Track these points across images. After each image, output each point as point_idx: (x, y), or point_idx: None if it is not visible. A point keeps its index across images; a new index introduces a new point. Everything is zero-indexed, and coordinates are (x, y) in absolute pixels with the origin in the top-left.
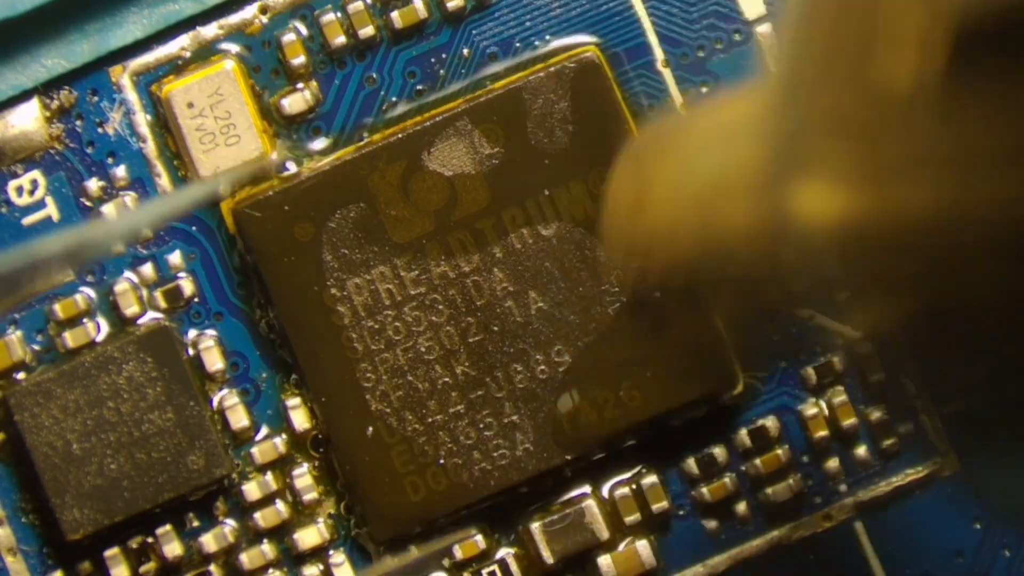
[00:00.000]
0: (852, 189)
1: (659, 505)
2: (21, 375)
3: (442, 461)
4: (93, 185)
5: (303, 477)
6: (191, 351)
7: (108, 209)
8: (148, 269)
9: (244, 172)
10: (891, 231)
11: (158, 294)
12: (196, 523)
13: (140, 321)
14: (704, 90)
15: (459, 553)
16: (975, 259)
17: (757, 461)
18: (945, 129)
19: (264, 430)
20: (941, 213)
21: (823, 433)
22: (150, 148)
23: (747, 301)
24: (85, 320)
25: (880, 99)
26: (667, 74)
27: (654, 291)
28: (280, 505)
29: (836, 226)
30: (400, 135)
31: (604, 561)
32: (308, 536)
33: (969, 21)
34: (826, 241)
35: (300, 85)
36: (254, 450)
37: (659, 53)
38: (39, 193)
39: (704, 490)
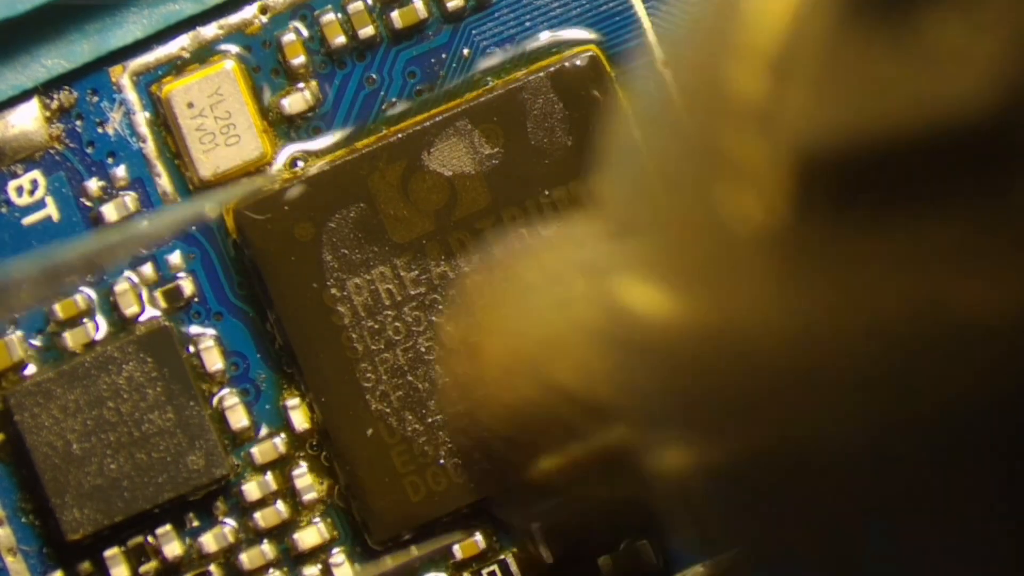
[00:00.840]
0: (682, 292)
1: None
2: (23, 374)
3: (442, 461)
4: (93, 185)
5: (303, 477)
6: (191, 351)
7: (108, 210)
8: (148, 269)
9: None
10: (723, 339)
11: (158, 294)
12: (196, 523)
13: (140, 321)
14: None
15: (459, 553)
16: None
17: None
18: (785, 274)
19: (264, 430)
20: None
21: None
22: (150, 148)
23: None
24: (85, 320)
25: (724, 238)
26: (667, 74)
27: (485, 435)
28: (280, 505)
29: (664, 322)
30: (400, 135)
31: (604, 561)
32: (308, 536)
33: (811, 162)
34: (655, 338)
35: (300, 85)
36: (254, 450)
37: (659, 53)
38: (39, 193)
39: None
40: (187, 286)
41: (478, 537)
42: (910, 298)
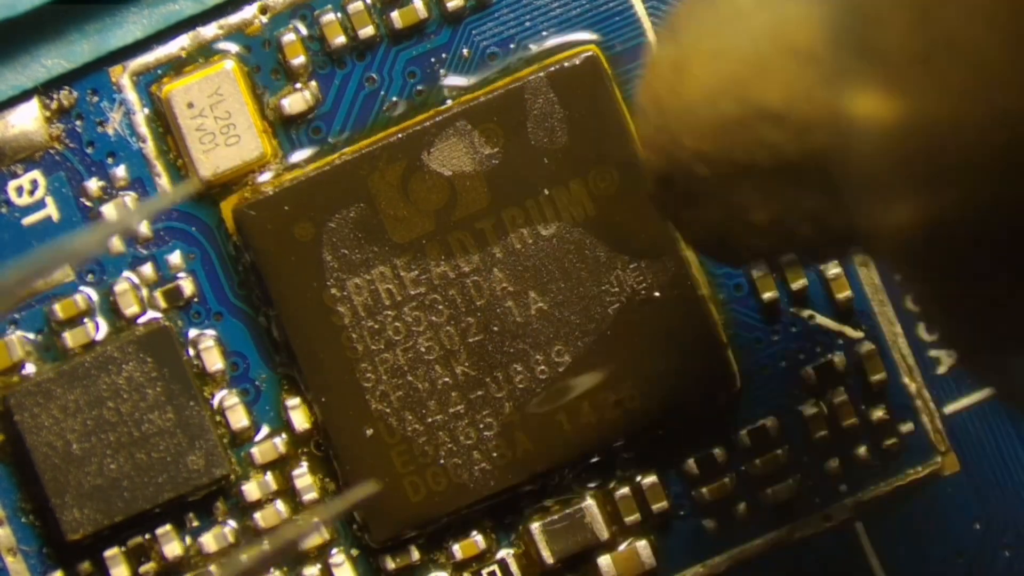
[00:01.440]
0: (917, 98)
1: (659, 505)
2: (23, 374)
3: (442, 461)
4: (93, 185)
5: (303, 477)
6: (191, 351)
7: (108, 209)
8: (148, 269)
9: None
10: (956, 137)
11: (158, 294)
12: (196, 523)
13: (140, 321)
14: None
15: (459, 553)
16: None
17: (757, 461)
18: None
19: (264, 430)
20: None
21: (823, 433)
22: (150, 148)
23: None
24: (85, 320)
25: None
26: None
27: (685, 171)
28: (280, 505)
29: (894, 134)
30: (400, 135)
31: (604, 561)
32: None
33: None
34: (879, 146)
35: (300, 85)
36: (254, 450)
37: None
38: (39, 193)
39: (704, 490)
40: (187, 286)
41: (478, 537)
42: None
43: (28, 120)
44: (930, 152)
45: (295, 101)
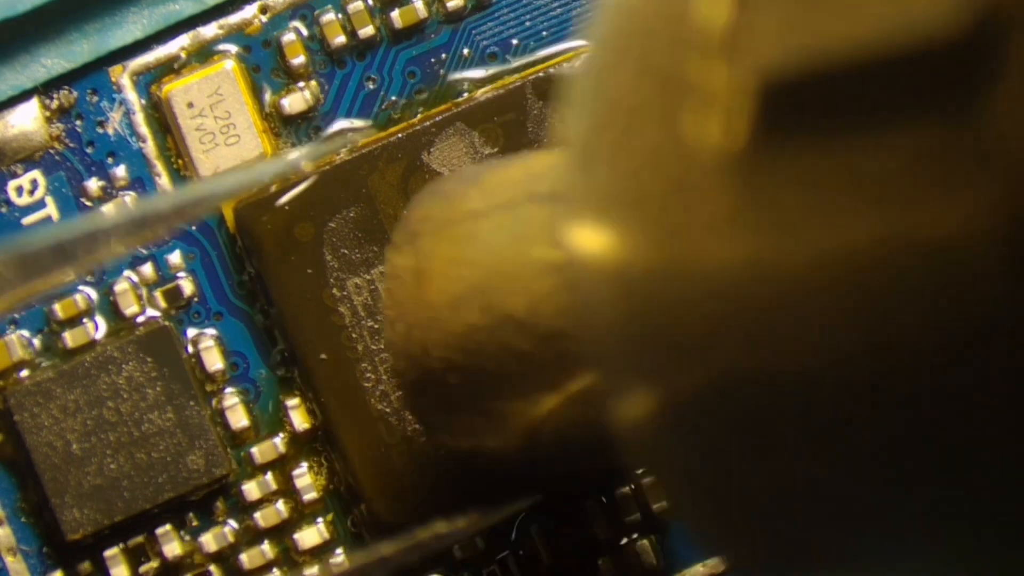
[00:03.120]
0: (638, 229)
1: (659, 505)
2: (22, 374)
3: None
4: (93, 185)
5: (303, 477)
6: (191, 351)
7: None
8: (148, 269)
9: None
10: (682, 282)
11: (158, 294)
12: (196, 523)
13: (140, 321)
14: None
15: (459, 553)
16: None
17: None
18: (751, 195)
19: (264, 430)
20: (745, 270)
21: None
22: (150, 148)
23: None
24: (85, 320)
25: (685, 163)
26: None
27: (436, 379)
28: (280, 505)
29: (616, 268)
30: (400, 135)
31: (604, 561)
32: (308, 536)
33: (776, 85)
34: (607, 284)
35: (300, 85)
36: (254, 450)
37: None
38: (39, 193)
39: None
40: (187, 286)
41: (477, 537)
42: (871, 223)
43: (28, 120)
44: (650, 312)
45: (295, 101)
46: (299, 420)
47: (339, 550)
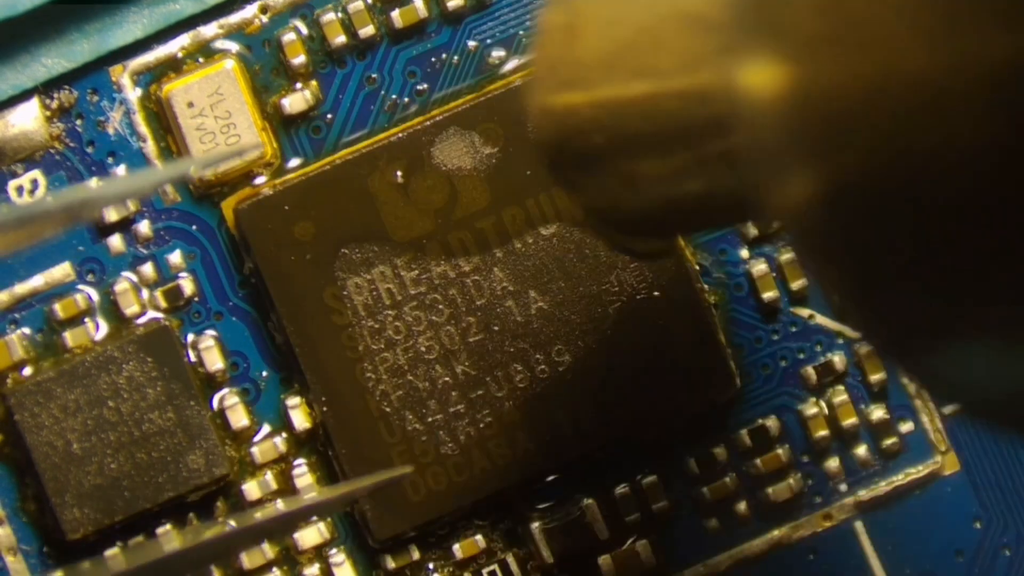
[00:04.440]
0: (817, 71)
1: (659, 505)
2: (23, 374)
3: (443, 461)
4: (93, 185)
5: (303, 477)
6: (191, 351)
7: (108, 209)
8: (148, 269)
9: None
10: (851, 101)
11: (158, 294)
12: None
13: (140, 321)
14: None
15: (459, 553)
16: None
17: (757, 461)
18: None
19: (264, 430)
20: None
21: (823, 433)
22: (150, 148)
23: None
24: (85, 320)
25: None
26: None
27: (580, 138)
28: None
29: (790, 105)
30: (400, 135)
31: (604, 561)
32: (308, 536)
33: None
34: (774, 117)
35: (300, 85)
36: (254, 450)
37: None
38: (39, 193)
39: (704, 490)
40: (187, 286)
41: (478, 537)
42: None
43: (28, 119)
44: (827, 120)
45: (295, 101)
46: (299, 420)
47: (335, 550)
